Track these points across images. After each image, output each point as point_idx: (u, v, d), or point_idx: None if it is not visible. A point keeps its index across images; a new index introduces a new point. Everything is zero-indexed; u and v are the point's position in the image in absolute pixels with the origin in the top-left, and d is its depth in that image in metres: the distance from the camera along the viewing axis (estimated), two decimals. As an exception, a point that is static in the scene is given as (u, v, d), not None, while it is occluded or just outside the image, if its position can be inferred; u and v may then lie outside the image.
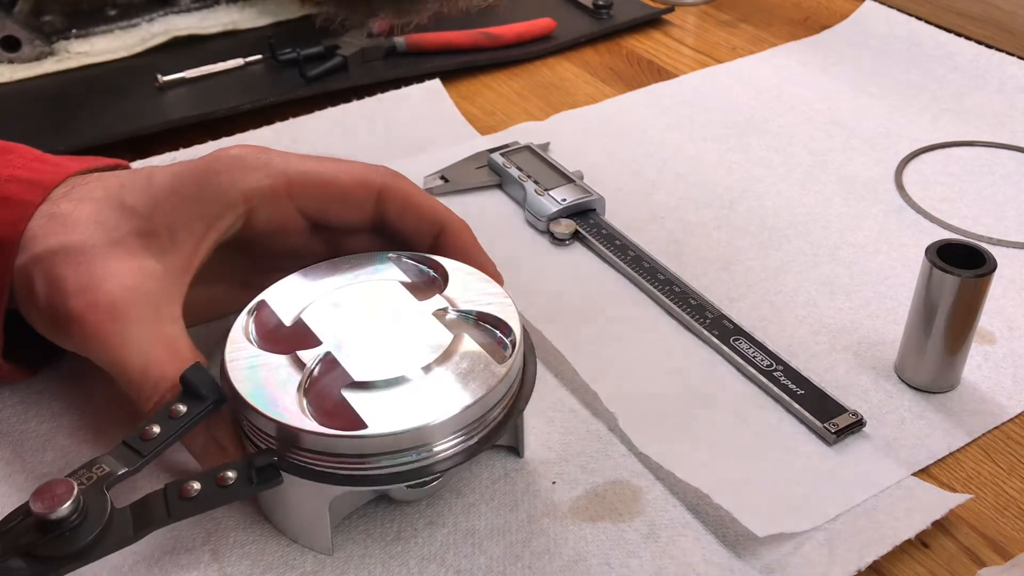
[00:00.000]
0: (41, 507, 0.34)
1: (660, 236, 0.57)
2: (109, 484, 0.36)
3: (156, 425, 0.38)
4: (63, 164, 0.45)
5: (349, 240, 0.47)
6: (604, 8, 0.82)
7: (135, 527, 0.36)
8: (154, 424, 0.38)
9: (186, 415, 0.38)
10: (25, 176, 0.44)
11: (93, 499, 0.36)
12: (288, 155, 0.45)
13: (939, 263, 0.43)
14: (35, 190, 0.43)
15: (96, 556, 0.35)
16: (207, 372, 0.39)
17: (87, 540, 0.35)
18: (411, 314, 0.41)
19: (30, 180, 0.43)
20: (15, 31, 0.74)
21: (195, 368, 0.39)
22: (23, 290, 0.42)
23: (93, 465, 0.37)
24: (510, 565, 0.39)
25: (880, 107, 0.70)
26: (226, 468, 0.37)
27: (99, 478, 0.36)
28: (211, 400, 0.39)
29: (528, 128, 0.67)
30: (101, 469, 0.36)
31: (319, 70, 0.72)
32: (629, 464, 0.43)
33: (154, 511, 0.36)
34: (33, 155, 0.46)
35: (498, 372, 0.38)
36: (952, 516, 0.41)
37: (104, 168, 0.48)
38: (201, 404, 0.39)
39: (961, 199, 0.60)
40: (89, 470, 0.36)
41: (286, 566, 0.39)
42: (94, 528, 0.35)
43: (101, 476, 0.36)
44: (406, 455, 0.37)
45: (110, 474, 0.37)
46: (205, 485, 0.37)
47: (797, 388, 0.46)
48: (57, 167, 0.45)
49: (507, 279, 0.46)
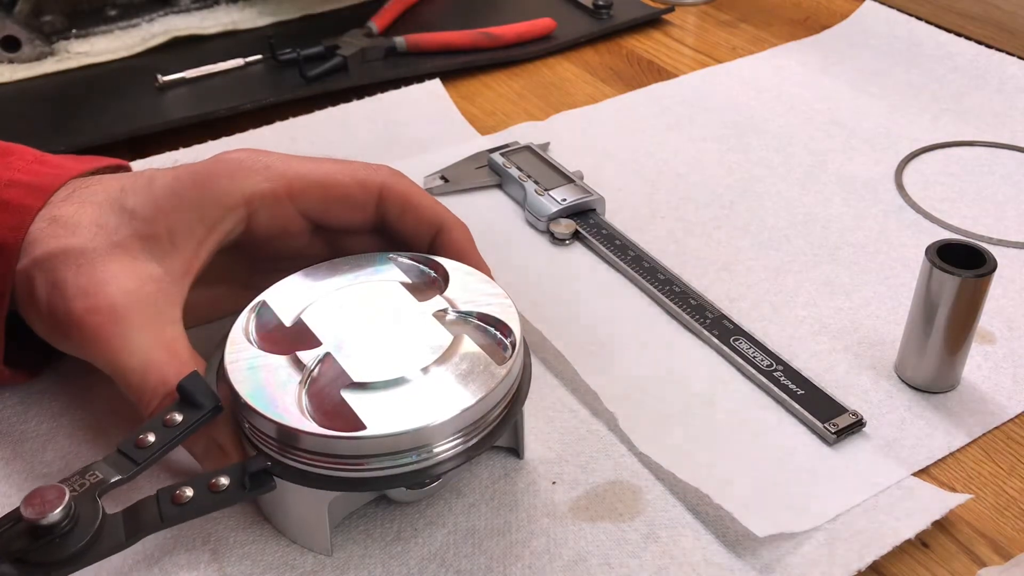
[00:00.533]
0: (32, 512, 0.34)
1: (660, 236, 0.57)
2: (101, 491, 0.36)
3: (151, 433, 0.38)
4: (64, 166, 0.45)
5: (350, 241, 0.47)
6: (604, 8, 0.82)
7: (127, 533, 0.36)
8: (149, 432, 0.38)
9: (182, 424, 0.38)
10: (26, 180, 0.44)
11: (85, 505, 0.35)
12: (288, 157, 0.45)
13: (939, 263, 0.43)
14: (36, 194, 0.43)
15: (87, 562, 0.35)
16: (204, 381, 0.39)
17: (78, 546, 0.35)
18: (411, 315, 0.41)
19: (30, 184, 0.43)
20: (15, 31, 0.74)
21: (192, 377, 0.39)
22: (24, 293, 0.42)
23: (86, 472, 0.37)
24: (510, 565, 0.39)
25: (880, 107, 0.70)
26: (219, 474, 0.37)
27: (92, 485, 0.36)
28: (208, 409, 0.38)
29: (528, 128, 0.67)
30: (94, 476, 0.36)
31: (319, 70, 0.72)
32: (629, 464, 0.43)
33: (147, 517, 0.36)
34: (33, 156, 0.45)
35: (498, 373, 0.38)
36: (952, 516, 0.41)
37: (105, 168, 0.48)
38: (198, 413, 0.38)
39: (961, 199, 0.60)
40: (82, 476, 0.36)
41: (286, 566, 0.39)
42: (85, 534, 0.35)
43: (94, 483, 0.36)
44: (405, 456, 0.37)
45: (103, 481, 0.36)
46: (198, 491, 0.37)
47: (797, 388, 0.46)
48: (58, 169, 0.45)
49: (507, 279, 0.46)
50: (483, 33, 0.77)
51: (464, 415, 0.37)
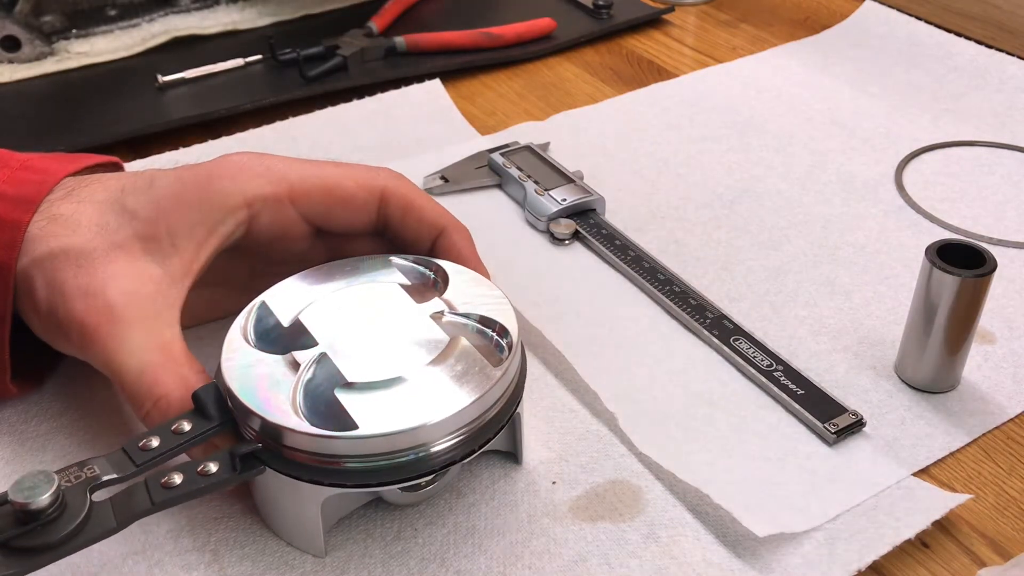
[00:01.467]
0: (20, 497, 0.34)
1: (660, 236, 0.57)
2: (95, 487, 0.36)
3: (156, 438, 0.38)
4: (51, 170, 0.44)
5: (350, 245, 0.47)
6: (604, 8, 0.82)
7: (118, 519, 0.36)
8: (154, 437, 0.38)
9: (189, 433, 0.38)
10: (11, 193, 0.43)
11: (74, 495, 0.35)
12: (290, 160, 0.45)
13: (939, 263, 0.43)
14: (23, 207, 0.42)
15: (74, 548, 0.35)
16: (221, 394, 0.39)
17: (65, 532, 0.34)
18: (409, 316, 0.41)
19: (16, 197, 0.43)
20: (15, 31, 0.74)
21: (209, 388, 0.39)
22: (23, 293, 0.42)
23: (84, 465, 0.36)
24: (510, 565, 0.39)
25: (880, 107, 0.70)
26: (208, 460, 0.37)
27: (87, 478, 0.36)
28: (217, 422, 0.38)
29: (528, 128, 0.67)
30: (91, 470, 0.36)
31: (319, 70, 0.72)
32: (629, 464, 0.43)
33: (137, 502, 0.36)
34: (19, 162, 0.44)
35: (493, 375, 0.38)
36: (952, 516, 0.41)
37: (97, 165, 0.48)
38: (207, 425, 0.38)
39: (961, 199, 0.60)
40: (80, 469, 0.36)
41: (286, 566, 0.39)
42: (72, 521, 0.34)
43: (89, 477, 0.36)
44: (398, 457, 0.37)
45: (97, 477, 0.36)
46: (187, 476, 0.37)
47: (797, 388, 0.46)
48: (43, 175, 0.44)
49: (507, 279, 0.46)
50: (483, 33, 0.77)
51: (457, 416, 0.37)
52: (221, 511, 0.41)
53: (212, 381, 0.39)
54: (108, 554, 0.40)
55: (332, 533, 0.40)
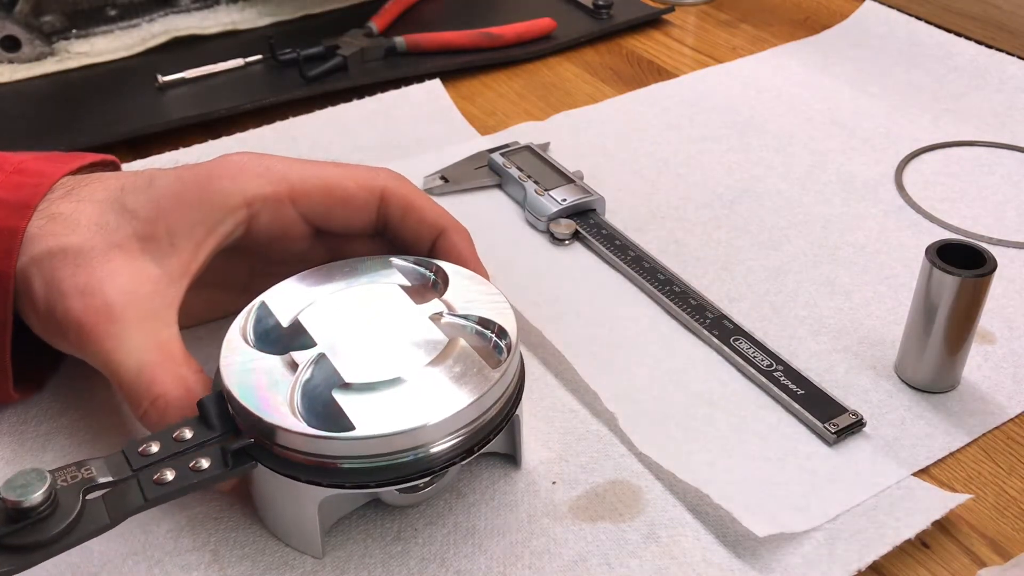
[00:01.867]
0: (12, 495, 0.34)
1: (660, 236, 0.57)
2: (89, 489, 0.36)
3: (156, 443, 0.37)
4: (47, 172, 0.44)
5: (350, 246, 0.47)
6: (604, 8, 0.82)
7: (111, 516, 0.36)
8: (154, 442, 0.37)
9: (190, 441, 0.38)
10: (6, 198, 0.43)
11: (67, 494, 0.35)
12: (290, 160, 0.45)
13: (939, 263, 0.43)
14: (19, 213, 0.42)
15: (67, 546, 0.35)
16: (225, 404, 0.38)
17: (57, 530, 0.34)
18: (408, 317, 0.41)
19: (12, 202, 0.42)
20: (15, 31, 0.74)
21: (214, 397, 0.38)
22: (22, 292, 0.42)
23: (82, 466, 0.36)
24: (510, 565, 0.39)
25: (880, 107, 0.70)
26: (200, 456, 0.37)
27: (82, 479, 0.36)
28: (220, 432, 0.38)
29: (528, 128, 0.67)
30: (88, 471, 0.36)
31: (319, 70, 0.72)
32: (629, 464, 0.43)
33: (129, 498, 0.36)
34: (13, 166, 0.44)
35: (491, 377, 0.38)
36: (952, 516, 0.41)
37: (93, 164, 0.48)
38: (209, 434, 0.38)
39: (961, 199, 0.60)
40: (77, 469, 0.36)
41: (286, 566, 0.39)
42: (65, 519, 0.34)
43: (85, 478, 0.36)
44: (395, 458, 0.36)
45: (92, 479, 0.36)
46: (179, 472, 0.37)
47: (797, 388, 0.46)
48: (40, 177, 0.44)
49: (507, 279, 0.46)
50: (483, 33, 0.77)
51: (455, 418, 0.37)
52: (221, 511, 0.41)
53: (218, 390, 0.39)
54: (108, 554, 0.40)
55: (332, 533, 0.40)
